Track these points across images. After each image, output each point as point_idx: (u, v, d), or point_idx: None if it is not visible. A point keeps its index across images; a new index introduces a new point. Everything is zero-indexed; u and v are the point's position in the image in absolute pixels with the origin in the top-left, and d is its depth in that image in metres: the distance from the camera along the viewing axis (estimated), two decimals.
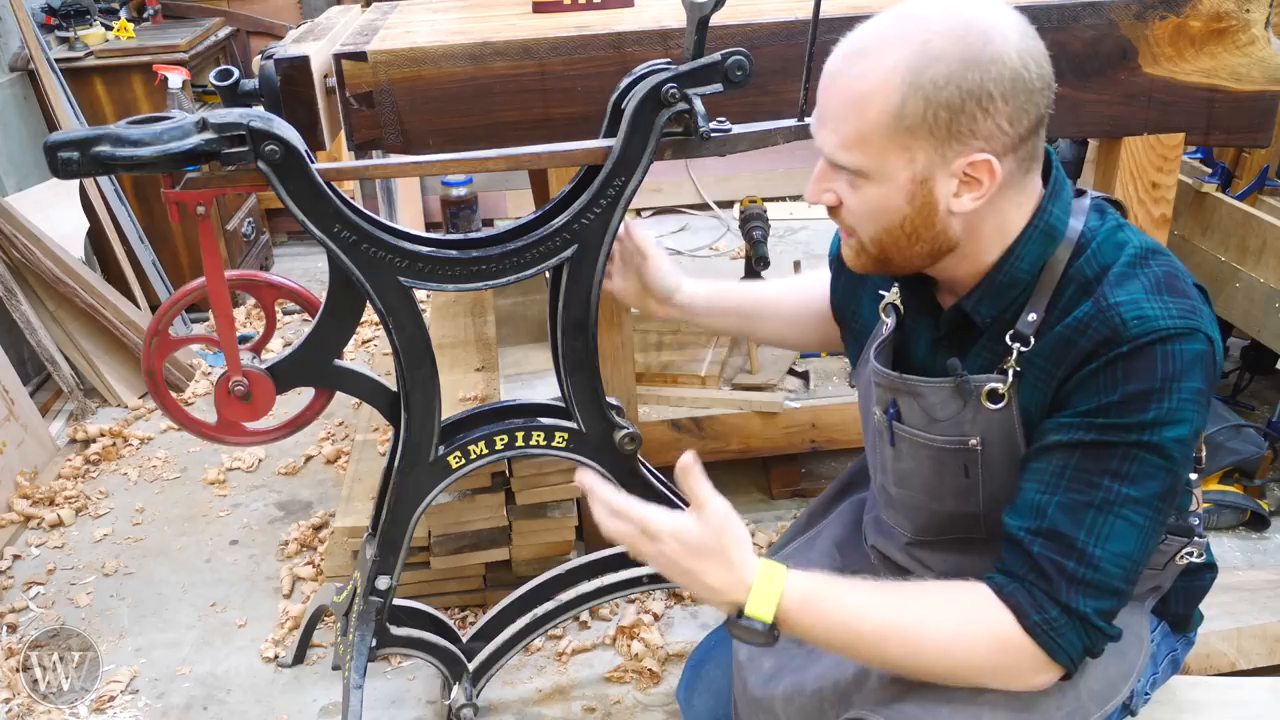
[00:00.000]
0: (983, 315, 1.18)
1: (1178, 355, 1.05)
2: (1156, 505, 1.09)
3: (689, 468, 1.13)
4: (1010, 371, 1.15)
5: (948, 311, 1.22)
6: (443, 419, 1.67)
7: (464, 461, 1.69)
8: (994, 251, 1.15)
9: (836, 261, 1.51)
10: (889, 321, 1.31)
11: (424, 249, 1.53)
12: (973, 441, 1.19)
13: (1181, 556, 1.28)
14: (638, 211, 4.46)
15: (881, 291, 1.34)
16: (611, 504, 1.14)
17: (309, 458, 2.92)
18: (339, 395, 1.68)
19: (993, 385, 1.16)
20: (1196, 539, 1.28)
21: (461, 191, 4.19)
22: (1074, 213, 1.16)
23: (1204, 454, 1.31)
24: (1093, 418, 1.08)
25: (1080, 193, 1.19)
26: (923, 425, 1.24)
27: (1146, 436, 1.06)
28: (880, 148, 1.07)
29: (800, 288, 1.65)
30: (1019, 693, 1.15)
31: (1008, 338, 1.15)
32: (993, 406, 1.17)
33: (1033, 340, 1.14)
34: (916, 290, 1.27)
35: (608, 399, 1.71)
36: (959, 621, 1.12)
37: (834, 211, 1.17)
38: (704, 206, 4.45)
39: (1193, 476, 1.29)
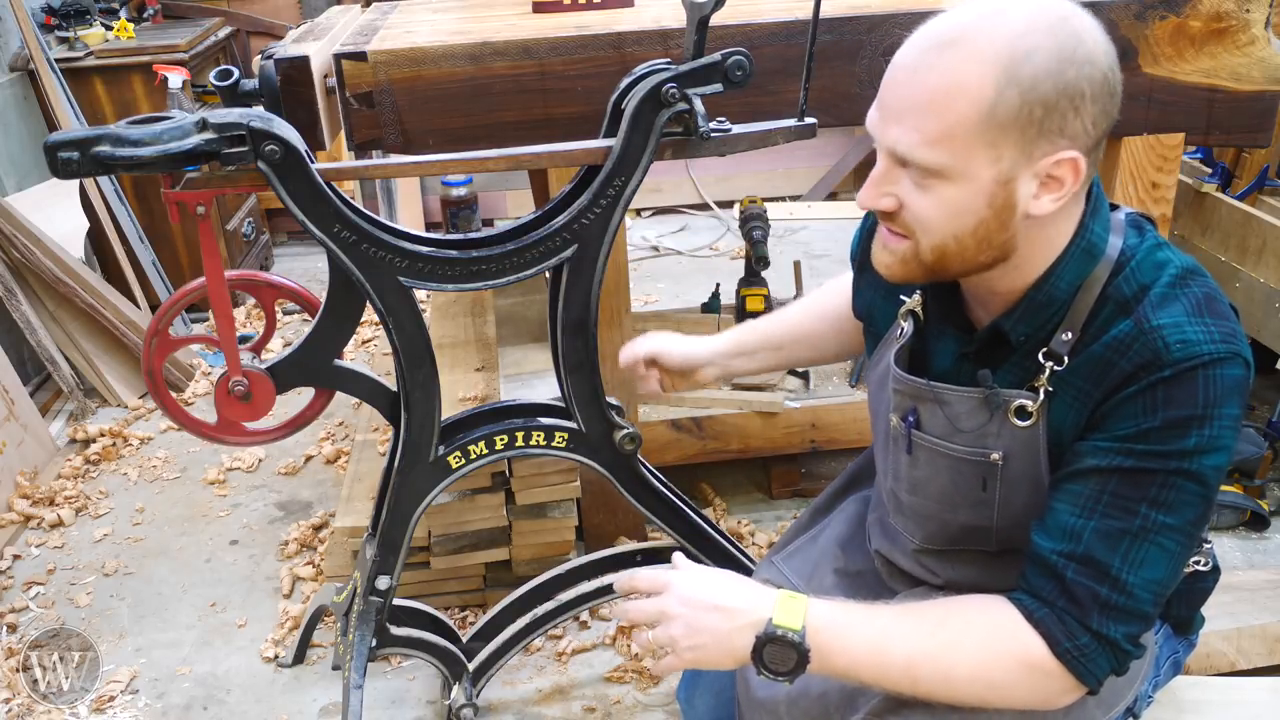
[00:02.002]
0: (1020, 334, 1.15)
1: (1219, 380, 1.03)
2: (1190, 532, 1.07)
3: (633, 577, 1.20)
4: (1041, 390, 1.12)
5: (984, 329, 1.19)
6: (443, 419, 1.67)
7: (464, 461, 1.69)
8: (1038, 266, 1.12)
9: (857, 272, 1.46)
10: (906, 327, 1.28)
11: (424, 249, 1.53)
12: (995, 456, 1.17)
13: (1189, 567, 1.28)
14: (638, 211, 4.47)
15: (903, 297, 1.30)
16: (630, 583, 1.17)
17: (309, 458, 2.92)
18: (339, 395, 1.68)
19: (1022, 402, 1.13)
20: (1204, 546, 1.28)
21: (461, 191, 4.19)
22: (1111, 229, 1.13)
23: None
24: (1132, 443, 1.05)
25: (1114, 207, 1.17)
26: (944, 434, 1.22)
27: (1187, 464, 1.04)
28: (966, 145, 1.01)
29: (825, 308, 1.60)
30: None
31: (1040, 356, 1.12)
32: (1020, 423, 1.14)
33: (1067, 360, 1.11)
34: (945, 302, 1.23)
35: (608, 399, 1.71)
36: (988, 647, 1.10)
37: (889, 217, 1.09)
38: (704, 206, 4.45)
39: None
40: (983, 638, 1.11)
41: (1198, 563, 1.29)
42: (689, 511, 1.85)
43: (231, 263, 3.72)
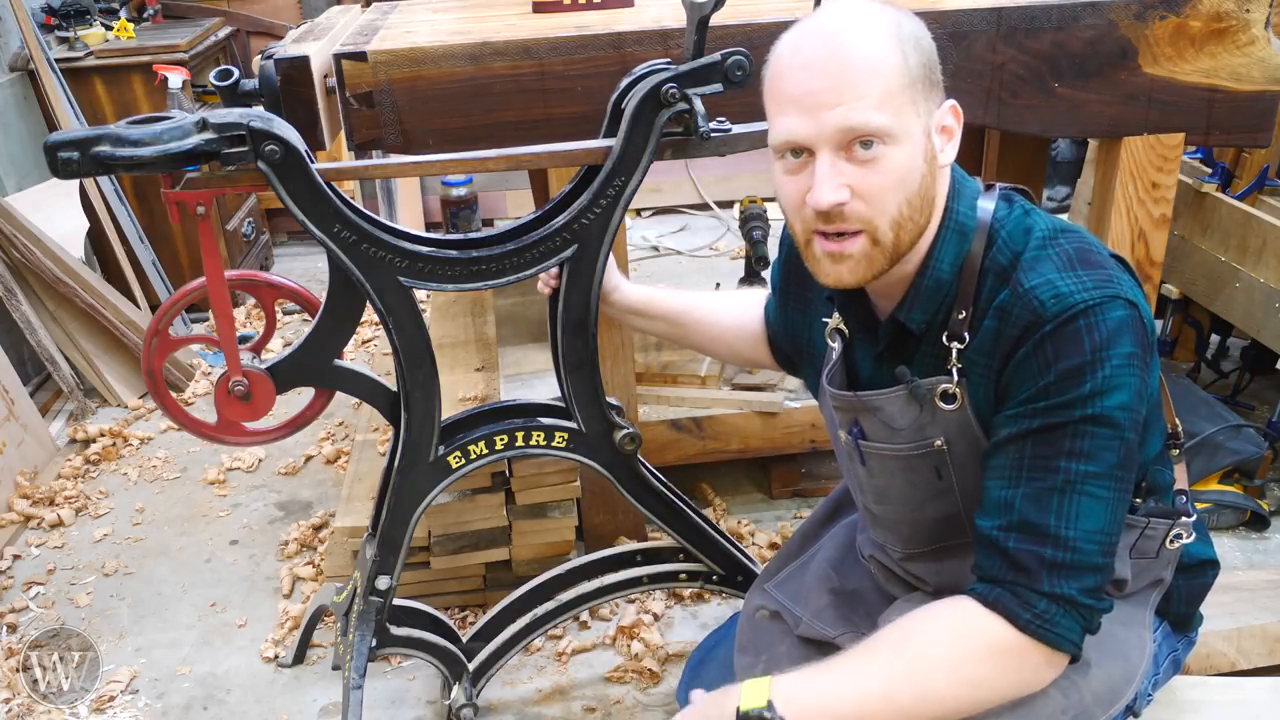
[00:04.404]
0: (916, 322, 1.19)
1: (1101, 325, 1.07)
2: (1116, 475, 1.10)
3: None
4: (954, 370, 1.16)
5: (884, 324, 1.23)
6: (443, 419, 1.67)
7: (464, 461, 1.69)
8: (927, 241, 1.17)
9: (778, 302, 1.53)
10: (835, 346, 1.33)
11: (424, 249, 1.53)
12: (938, 442, 1.20)
13: (1172, 540, 1.28)
14: (638, 211, 4.47)
15: (824, 320, 1.35)
16: None
17: (309, 458, 2.92)
18: (339, 395, 1.68)
19: (943, 386, 1.17)
20: (1184, 519, 1.28)
21: (461, 191, 4.19)
22: (982, 206, 1.18)
23: (1179, 426, 1.32)
24: (1034, 403, 1.09)
25: (989, 186, 1.22)
26: (886, 438, 1.25)
27: (1090, 410, 1.07)
28: (900, 105, 1.08)
29: (736, 307, 1.66)
30: (1023, 696, 1.15)
31: (944, 338, 1.17)
32: (947, 407, 1.18)
33: (967, 336, 1.15)
34: (855, 308, 1.28)
35: (608, 399, 1.71)
36: (955, 648, 1.11)
37: (840, 214, 1.10)
38: (704, 206, 4.45)
39: (1173, 453, 1.30)
40: (947, 641, 1.11)
41: (1180, 535, 1.28)
42: (689, 511, 1.85)
43: (231, 263, 3.72)
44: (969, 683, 1.10)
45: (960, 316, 1.16)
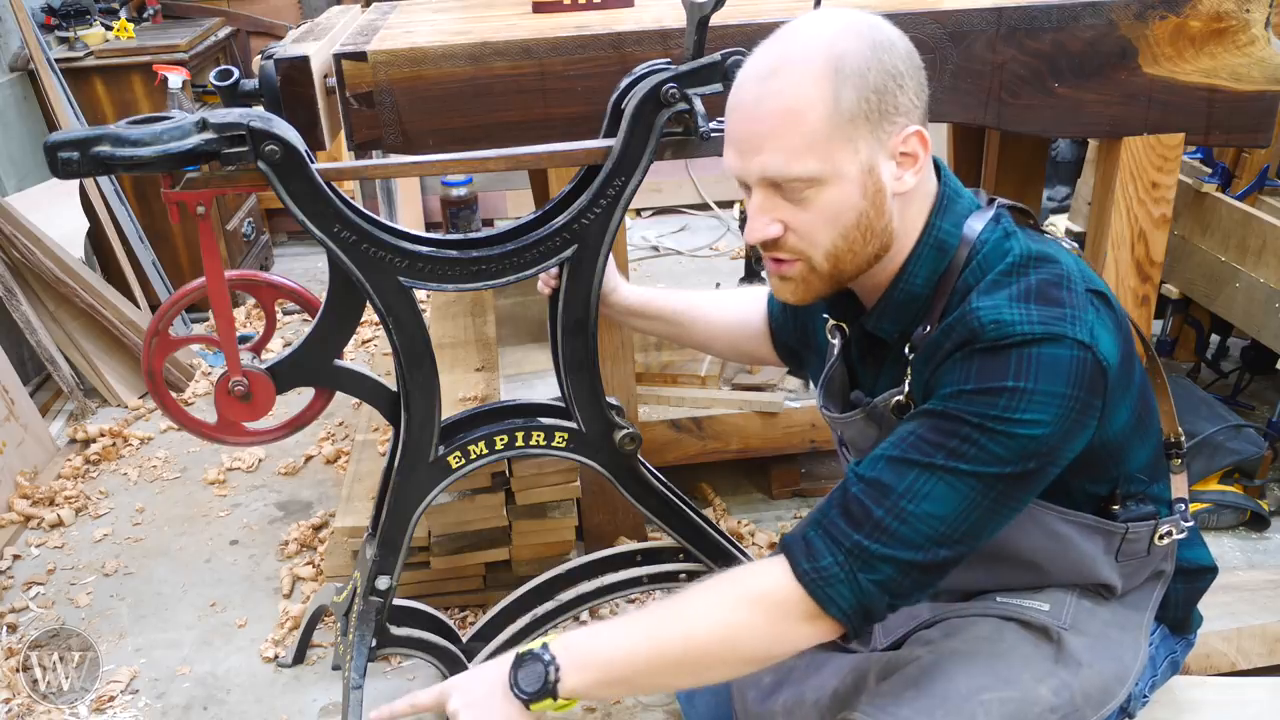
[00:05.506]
0: (886, 332, 1.20)
1: (1034, 358, 1.05)
2: (991, 485, 1.07)
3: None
4: (907, 382, 1.18)
5: (852, 330, 1.25)
6: (443, 419, 1.67)
7: (464, 461, 1.69)
8: (900, 256, 1.17)
9: (780, 306, 1.54)
10: (835, 343, 1.34)
11: (424, 249, 1.53)
12: None
13: (1162, 536, 1.27)
14: (638, 211, 4.47)
15: (825, 315, 1.36)
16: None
17: (309, 458, 2.92)
18: (339, 395, 1.68)
19: (895, 399, 1.19)
20: (1173, 519, 1.27)
21: (461, 191, 4.19)
22: (969, 225, 1.17)
23: (1182, 435, 1.32)
24: (947, 400, 1.09)
25: (990, 201, 1.22)
26: (859, 453, 1.28)
27: (990, 425, 1.06)
28: (827, 148, 1.07)
29: (737, 303, 1.67)
30: (1014, 695, 1.15)
31: (906, 350, 1.18)
32: (900, 420, 1.18)
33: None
34: (843, 308, 1.28)
35: (608, 399, 1.71)
36: (718, 591, 1.13)
37: (776, 246, 1.15)
38: (704, 206, 4.45)
39: (1175, 462, 1.31)
40: (715, 585, 1.13)
41: (1170, 531, 1.28)
42: (689, 511, 1.85)
43: (231, 263, 3.72)
44: (725, 625, 1.10)
45: (924, 330, 1.16)
